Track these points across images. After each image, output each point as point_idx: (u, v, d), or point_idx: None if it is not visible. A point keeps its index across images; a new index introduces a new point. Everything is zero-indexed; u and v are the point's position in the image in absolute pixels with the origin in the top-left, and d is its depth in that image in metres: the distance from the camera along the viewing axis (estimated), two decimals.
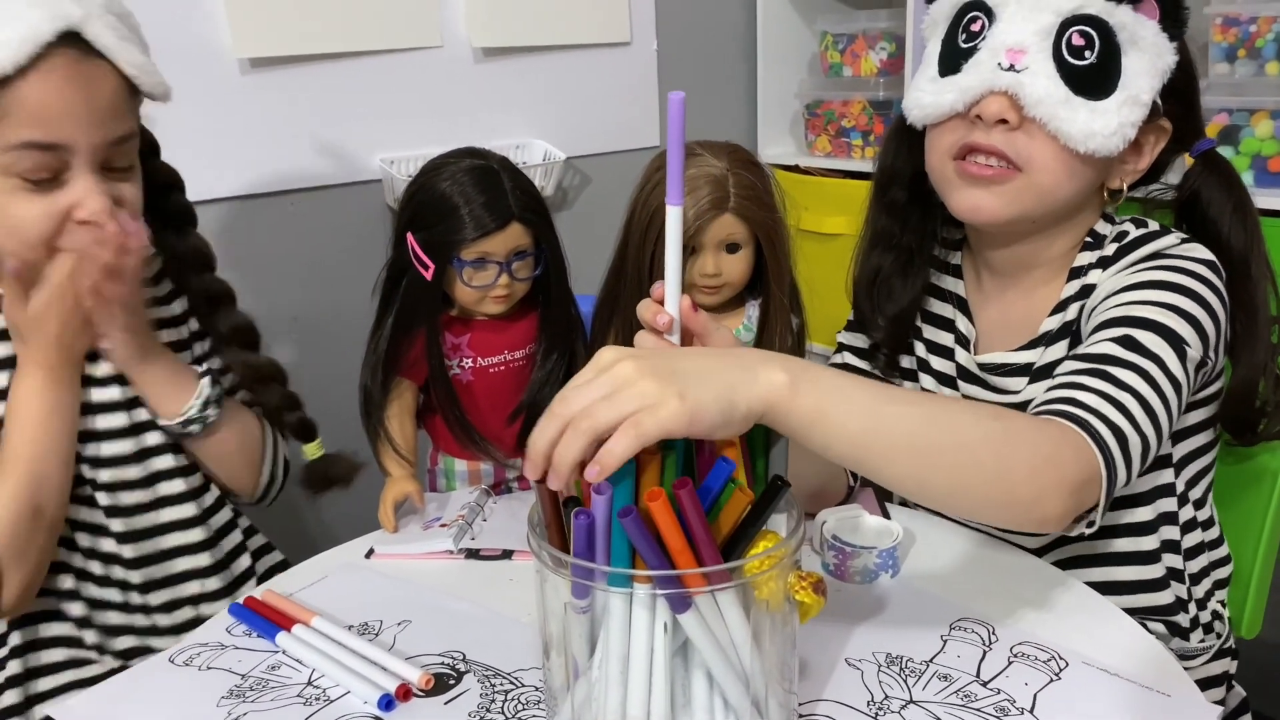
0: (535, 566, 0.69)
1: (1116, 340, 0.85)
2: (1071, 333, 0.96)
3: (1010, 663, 0.80)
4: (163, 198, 1.08)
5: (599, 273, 1.24)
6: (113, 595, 1.05)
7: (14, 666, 1.00)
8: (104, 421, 1.02)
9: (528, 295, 1.18)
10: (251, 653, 0.87)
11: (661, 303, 0.72)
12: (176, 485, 1.07)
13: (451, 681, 0.82)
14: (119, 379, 1.03)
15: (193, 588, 1.09)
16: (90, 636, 1.05)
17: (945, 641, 0.84)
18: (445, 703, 0.79)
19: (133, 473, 1.04)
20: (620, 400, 0.62)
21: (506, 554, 1.03)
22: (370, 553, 1.05)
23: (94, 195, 0.92)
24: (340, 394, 1.22)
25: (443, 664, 0.84)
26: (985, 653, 0.82)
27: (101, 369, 1.02)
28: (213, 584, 1.10)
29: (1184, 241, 0.93)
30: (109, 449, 1.02)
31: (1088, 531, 0.79)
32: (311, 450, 1.16)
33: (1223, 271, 0.92)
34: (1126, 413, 0.80)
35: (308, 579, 0.99)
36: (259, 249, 1.67)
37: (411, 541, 1.06)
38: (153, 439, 1.05)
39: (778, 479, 0.66)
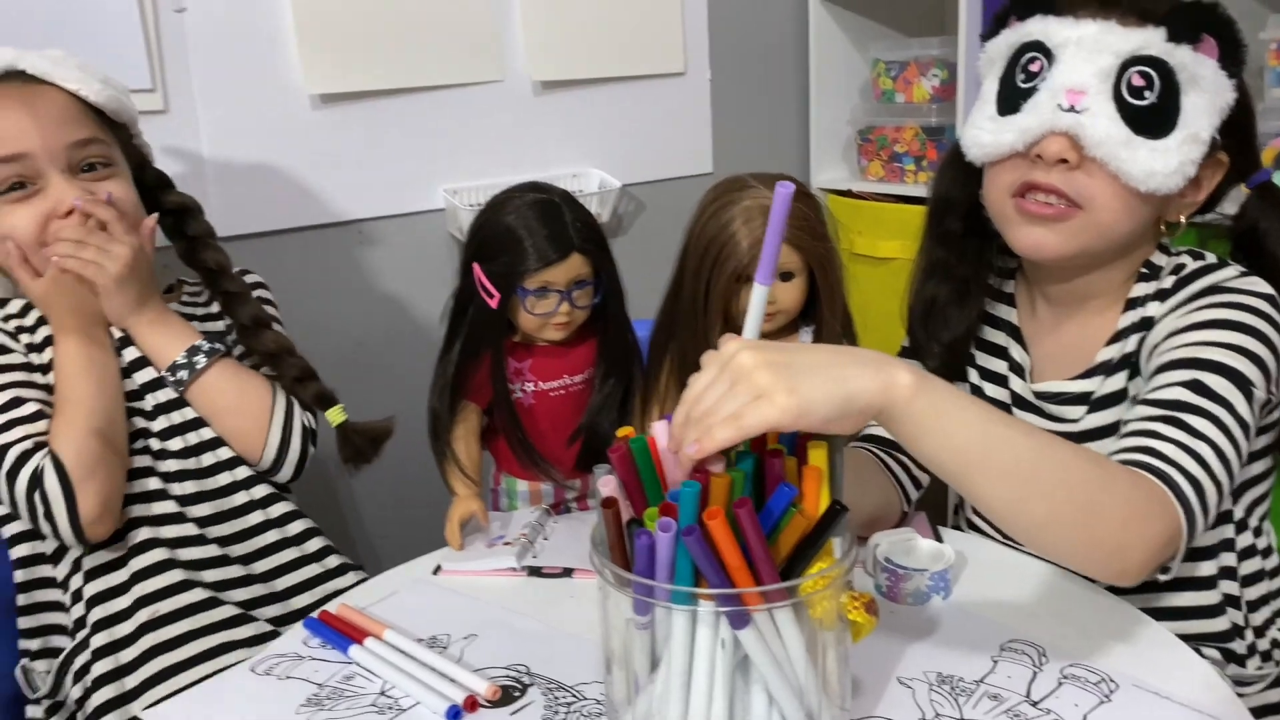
0: (598, 584, 0.72)
1: (1186, 385, 0.86)
2: (1131, 364, 0.97)
3: (1060, 684, 0.82)
4: (180, 221, 1.23)
5: (653, 298, 1.28)
6: (192, 540, 1.14)
7: (99, 639, 1.07)
8: (142, 376, 1.14)
9: (587, 322, 1.22)
10: (327, 664, 0.92)
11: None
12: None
13: (517, 694, 0.85)
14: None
15: (256, 517, 1.18)
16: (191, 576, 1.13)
17: (996, 662, 0.85)
18: (511, 714, 0.83)
19: (181, 416, 1.15)
20: (735, 393, 0.67)
21: (567, 572, 1.07)
22: (438, 569, 1.09)
23: (67, 190, 1.07)
24: (402, 414, 1.28)
25: (508, 677, 0.88)
26: (1035, 674, 0.83)
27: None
28: (275, 510, 1.19)
29: (1242, 274, 0.94)
30: (151, 400, 1.14)
31: (1162, 578, 0.81)
32: (334, 415, 1.22)
33: None
34: (1203, 463, 0.81)
35: (379, 594, 1.04)
36: (328, 276, 1.74)
37: (477, 559, 1.10)
38: None
39: (836, 503, 0.69)
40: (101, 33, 1.47)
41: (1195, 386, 0.85)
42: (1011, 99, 0.94)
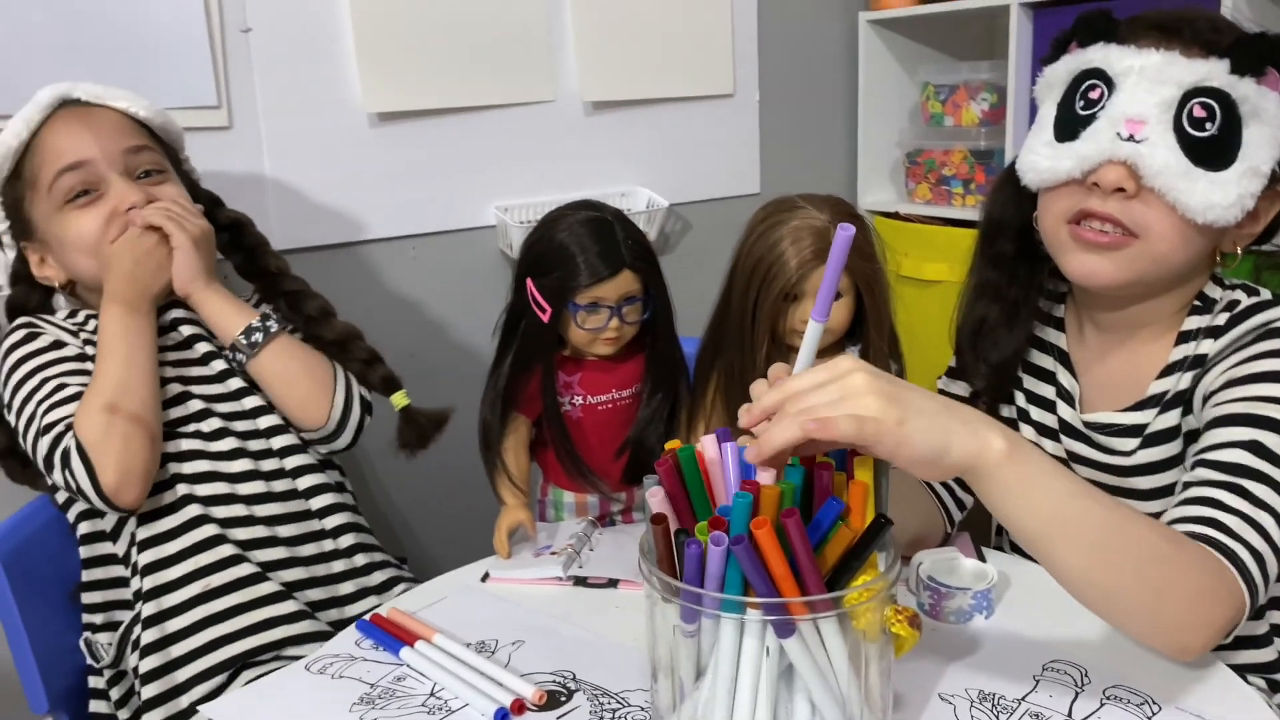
0: (645, 592, 0.74)
1: (1246, 447, 0.85)
2: (1185, 401, 0.96)
3: (1102, 704, 0.82)
4: (235, 236, 1.31)
5: (699, 315, 1.30)
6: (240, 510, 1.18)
7: (148, 608, 1.11)
8: (201, 348, 1.21)
9: (636, 338, 1.24)
10: (379, 665, 0.94)
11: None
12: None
13: (563, 699, 0.87)
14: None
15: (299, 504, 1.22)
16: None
17: (1037, 681, 0.86)
18: (557, 718, 0.85)
19: (234, 384, 1.21)
20: (843, 408, 0.68)
21: (612, 583, 1.09)
22: (486, 576, 1.12)
23: (129, 190, 1.15)
24: (452, 423, 1.31)
25: (555, 682, 0.90)
26: (1078, 694, 0.84)
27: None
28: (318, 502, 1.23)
29: None
30: (198, 370, 1.21)
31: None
32: (398, 400, 1.28)
33: None
34: (1266, 535, 0.82)
35: (429, 599, 1.06)
36: (382, 289, 1.78)
37: (524, 567, 1.12)
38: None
39: (881, 516, 0.71)
40: (171, 51, 1.52)
41: (1256, 449, 0.85)
42: (1070, 125, 0.93)
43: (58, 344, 1.17)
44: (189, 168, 1.30)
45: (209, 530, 1.14)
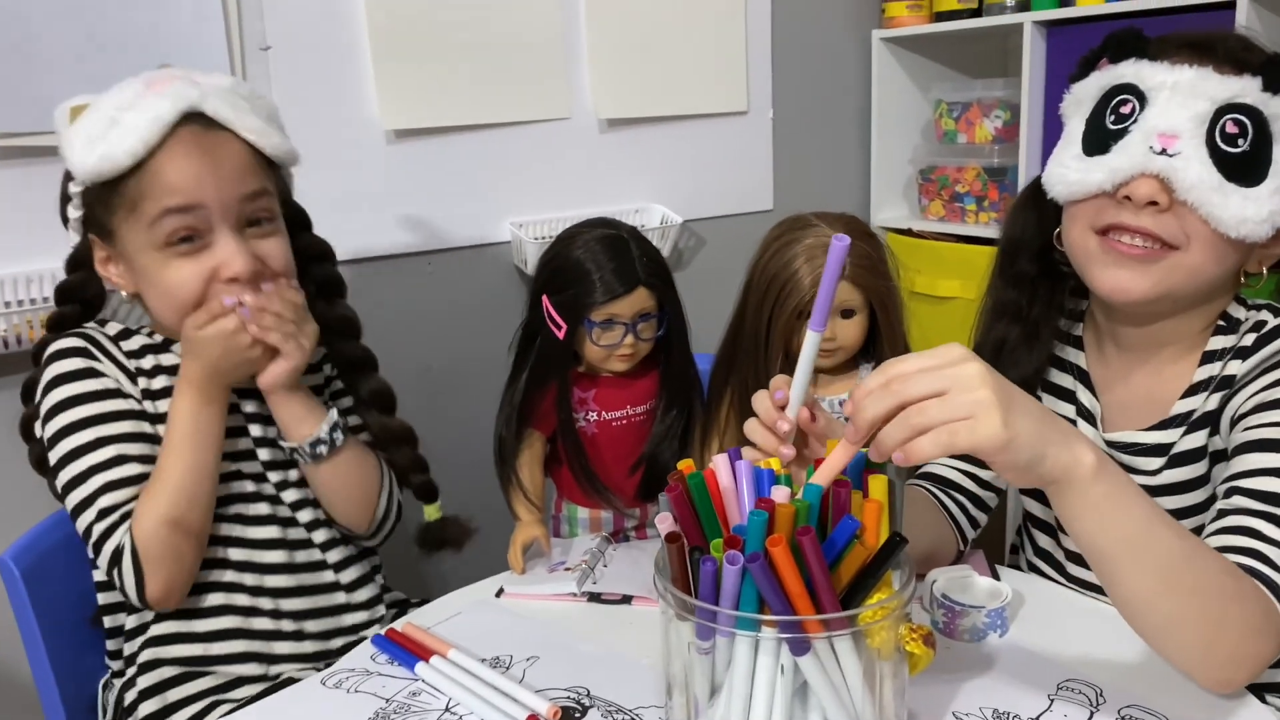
0: (660, 609, 0.74)
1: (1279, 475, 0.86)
2: (1212, 421, 0.96)
3: None
4: (315, 268, 1.20)
5: (713, 331, 1.30)
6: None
7: (145, 655, 1.10)
8: (255, 430, 1.14)
9: (650, 354, 1.25)
10: (394, 679, 0.95)
11: (782, 407, 0.79)
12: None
13: (577, 714, 0.87)
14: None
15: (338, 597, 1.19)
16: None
17: (1052, 701, 0.86)
18: None
19: (277, 476, 1.15)
20: (954, 403, 0.67)
21: (626, 599, 1.09)
22: (500, 592, 1.12)
23: (237, 255, 1.03)
24: (468, 440, 1.31)
25: (569, 698, 0.90)
26: (1093, 713, 0.84)
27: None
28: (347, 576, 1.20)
29: None
30: (265, 454, 1.14)
31: None
32: (431, 512, 1.24)
33: None
34: None
35: (443, 614, 1.07)
36: (398, 304, 1.79)
37: (538, 583, 1.13)
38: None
39: (896, 534, 0.71)
40: (191, 68, 1.54)
41: None
42: (1100, 139, 0.93)
43: (116, 393, 1.08)
44: (287, 172, 1.16)
45: (229, 622, 1.12)
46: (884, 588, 0.72)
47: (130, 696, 1.10)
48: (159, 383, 1.11)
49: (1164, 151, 0.88)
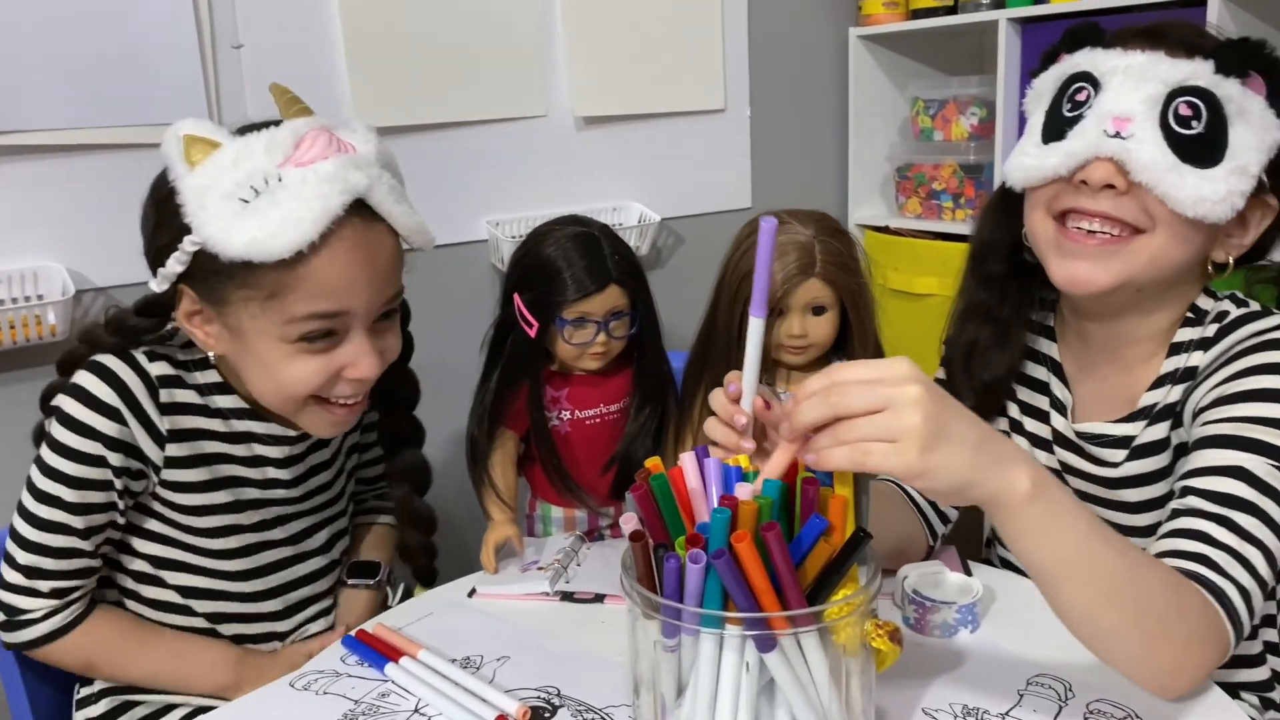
0: (627, 607, 0.74)
1: (1235, 475, 0.85)
2: (1174, 414, 0.96)
3: (1086, 718, 0.82)
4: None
5: (692, 328, 1.30)
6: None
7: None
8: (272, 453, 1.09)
9: (623, 352, 1.25)
10: (364, 681, 0.94)
11: (736, 400, 0.78)
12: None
13: (547, 714, 0.87)
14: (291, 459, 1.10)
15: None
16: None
17: (1021, 696, 0.86)
18: None
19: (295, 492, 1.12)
20: (883, 424, 0.67)
21: (599, 598, 1.09)
22: (472, 592, 1.11)
23: (367, 357, 0.97)
24: (443, 440, 1.31)
25: (539, 698, 0.90)
26: (1061, 708, 0.84)
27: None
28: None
29: None
30: (274, 471, 1.10)
31: None
32: (420, 591, 1.21)
33: None
34: (1254, 571, 0.82)
35: (415, 615, 1.06)
36: None
37: (511, 583, 1.12)
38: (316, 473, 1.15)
39: (860, 530, 0.71)
40: (162, 67, 1.53)
41: (1245, 477, 0.85)
42: (1058, 127, 0.93)
43: (105, 485, 1.00)
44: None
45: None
46: (850, 584, 0.72)
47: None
48: (206, 447, 1.04)
49: (1118, 134, 0.89)
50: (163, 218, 0.95)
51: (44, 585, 1.02)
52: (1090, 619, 0.77)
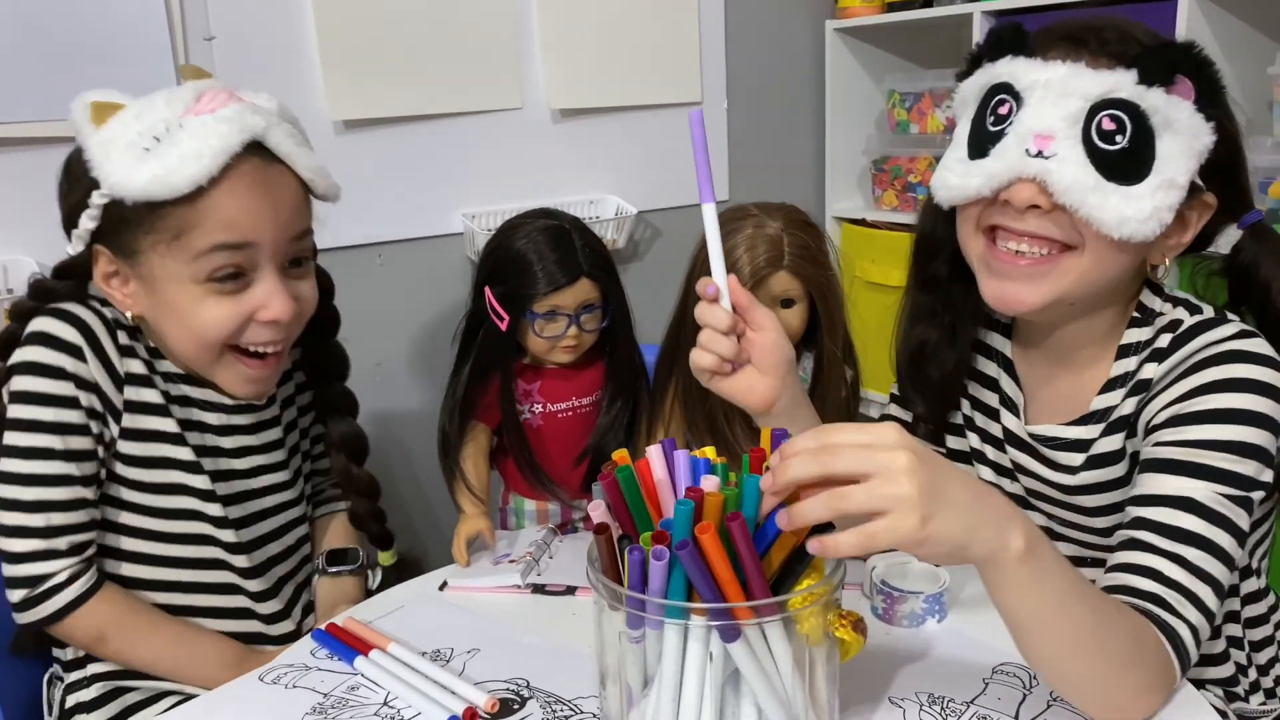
0: (594, 599, 0.74)
1: (1186, 507, 0.84)
2: (1129, 425, 0.95)
3: (1049, 706, 0.83)
4: (319, 332, 1.17)
5: (667, 322, 1.30)
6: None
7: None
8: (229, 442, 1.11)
9: (595, 346, 1.25)
10: (333, 674, 0.94)
11: (716, 300, 0.88)
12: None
13: (516, 706, 0.87)
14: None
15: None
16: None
17: (987, 684, 0.87)
18: None
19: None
20: (876, 493, 0.66)
21: (570, 590, 1.09)
22: (444, 585, 1.12)
23: (279, 296, 1.00)
24: (418, 434, 1.31)
25: (508, 690, 0.90)
26: (1025, 696, 0.85)
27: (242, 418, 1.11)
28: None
29: (1240, 334, 0.90)
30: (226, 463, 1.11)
31: None
32: (385, 558, 1.24)
33: None
34: (1203, 608, 0.82)
35: (385, 608, 1.06)
36: (348, 298, 1.75)
37: (482, 576, 1.12)
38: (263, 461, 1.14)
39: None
40: (133, 59, 1.52)
41: (1194, 509, 0.84)
42: (980, 143, 0.90)
43: (80, 429, 1.00)
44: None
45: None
46: (813, 574, 0.72)
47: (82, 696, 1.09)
48: (148, 396, 1.04)
49: (1040, 154, 0.86)
50: (72, 180, 1.00)
51: (62, 542, 1.00)
52: (1056, 665, 0.78)
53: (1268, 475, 0.87)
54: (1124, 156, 0.85)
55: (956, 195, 0.92)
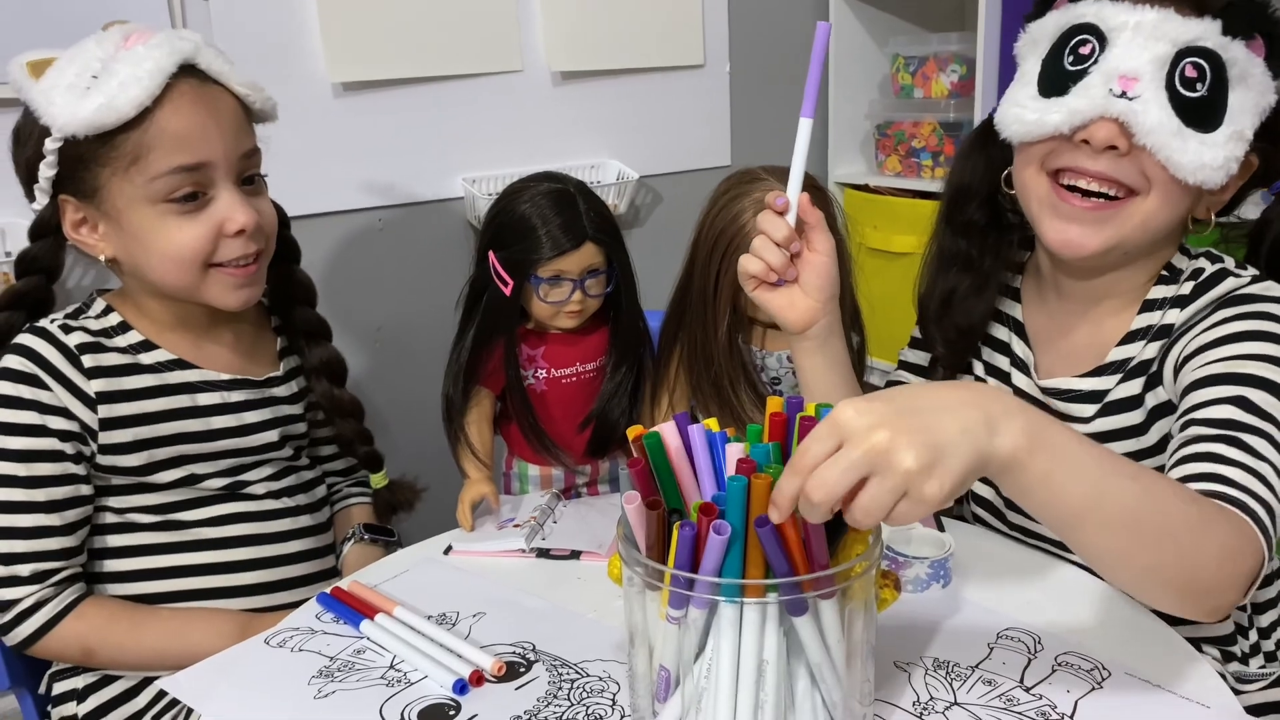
0: (627, 579, 0.71)
1: (1234, 402, 0.84)
2: (1149, 373, 0.95)
3: (1054, 670, 0.83)
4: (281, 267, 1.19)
5: (671, 288, 1.29)
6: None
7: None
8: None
9: (599, 311, 1.24)
10: (339, 638, 0.94)
11: (783, 213, 0.90)
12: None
13: (522, 669, 0.88)
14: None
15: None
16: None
17: (991, 649, 0.87)
18: (516, 689, 0.85)
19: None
20: (885, 487, 0.62)
21: (575, 554, 1.09)
22: (449, 549, 1.12)
23: (240, 207, 1.03)
24: (420, 399, 1.30)
25: (514, 653, 0.90)
26: (1030, 660, 0.85)
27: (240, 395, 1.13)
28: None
29: (1256, 279, 0.93)
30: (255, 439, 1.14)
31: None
32: (377, 480, 1.25)
33: None
34: (1269, 485, 0.80)
35: (391, 572, 1.06)
36: (348, 262, 1.76)
37: (487, 540, 1.12)
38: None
39: None
40: (131, 21, 1.49)
41: (1243, 404, 0.84)
42: (1058, 80, 0.91)
43: (43, 430, 1.02)
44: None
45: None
46: (859, 543, 0.70)
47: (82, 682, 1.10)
48: (131, 384, 1.06)
49: (1124, 94, 0.87)
50: (24, 137, 1.03)
51: (23, 569, 1.01)
52: (1123, 562, 0.74)
53: None
54: (1202, 104, 0.87)
55: (1033, 131, 0.92)
